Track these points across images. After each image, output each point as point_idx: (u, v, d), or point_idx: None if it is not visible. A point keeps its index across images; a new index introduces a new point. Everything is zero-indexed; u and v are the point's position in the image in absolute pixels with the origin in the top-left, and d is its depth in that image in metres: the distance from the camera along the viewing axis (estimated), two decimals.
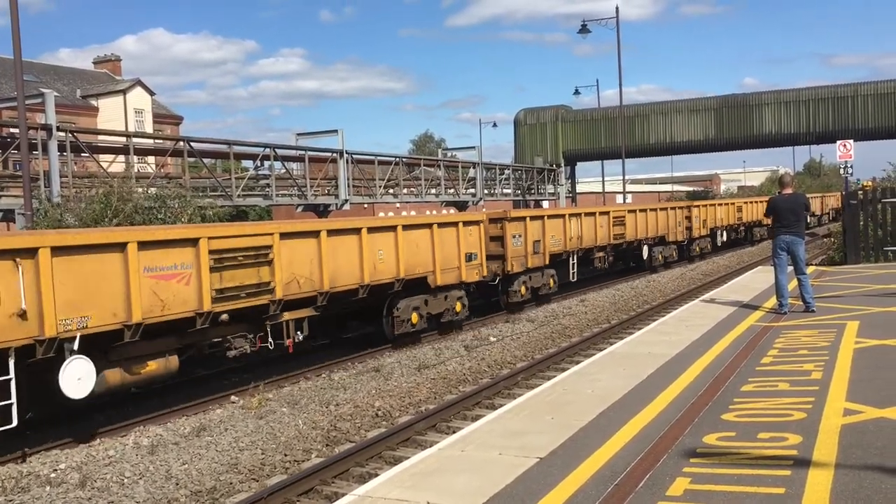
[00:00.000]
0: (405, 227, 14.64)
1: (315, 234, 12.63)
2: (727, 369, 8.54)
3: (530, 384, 11.78)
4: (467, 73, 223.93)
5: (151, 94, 53.40)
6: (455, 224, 16.24)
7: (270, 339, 12.06)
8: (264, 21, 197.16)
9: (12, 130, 16.83)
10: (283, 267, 11.84)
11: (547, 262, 20.35)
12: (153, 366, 10.29)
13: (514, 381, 12.19)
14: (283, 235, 11.94)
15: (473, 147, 37.27)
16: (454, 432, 7.99)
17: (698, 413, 6.93)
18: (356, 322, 15.10)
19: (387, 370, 13.11)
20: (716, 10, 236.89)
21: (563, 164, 44.71)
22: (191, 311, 10.46)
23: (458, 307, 16.34)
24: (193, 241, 10.52)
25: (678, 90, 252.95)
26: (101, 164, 18.66)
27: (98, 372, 9.48)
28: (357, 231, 13.55)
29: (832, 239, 27.82)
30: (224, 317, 11.04)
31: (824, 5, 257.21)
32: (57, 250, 8.89)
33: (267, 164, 22.95)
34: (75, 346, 9.08)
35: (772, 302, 12.88)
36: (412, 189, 30.23)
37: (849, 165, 22.55)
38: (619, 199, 51.44)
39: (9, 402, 8.48)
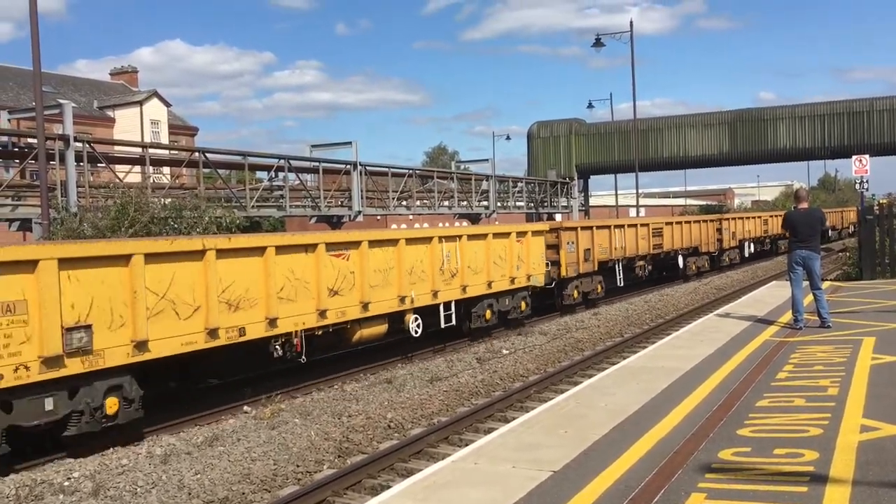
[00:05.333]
0: None
1: None
2: (742, 384, 8.49)
3: (543, 397, 11.74)
4: (481, 87, 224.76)
5: (167, 105, 53.90)
6: None
7: None
8: (280, 33, 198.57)
9: (30, 140, 16.99)
10: None
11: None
12: None
13: (527, 395, 12.15)
14: None
15: (487, 160, 37.27)
16: (467, 445, 7.97)
17: (713, 428, 6.88)
18: None
19: (399, 382, 13.10)
20: (732, 25, 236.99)
21: (576, 177, 44.67)
22: None
23: None
24: None
25: (693, 104, 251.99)
26: (118, 174, 18.81)
27: None
28: None
29: (848, 254, 27.61)
30: None
31: (840, 20, 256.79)
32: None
33: (281, 175, 23.04)
34: None
35: (787, 317, 12.80)
36: (425, 201, 30.29)
37: (864, 180, 22.44)
38: (633, 212, 51.30)
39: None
